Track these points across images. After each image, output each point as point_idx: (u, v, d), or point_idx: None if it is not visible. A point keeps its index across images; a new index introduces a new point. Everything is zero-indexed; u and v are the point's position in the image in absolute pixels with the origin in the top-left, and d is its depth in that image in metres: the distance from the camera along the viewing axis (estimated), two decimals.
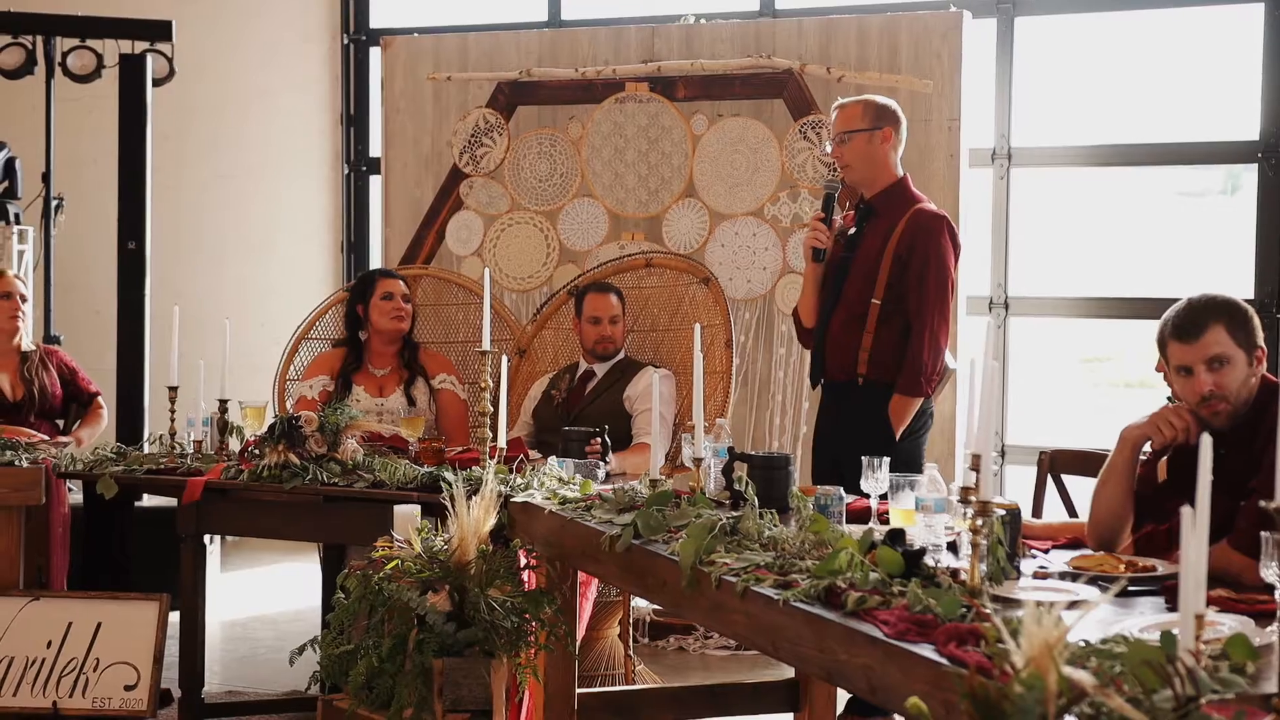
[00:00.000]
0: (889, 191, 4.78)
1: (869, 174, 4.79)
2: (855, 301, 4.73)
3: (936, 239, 4.68)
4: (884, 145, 4.76)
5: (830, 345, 4.81)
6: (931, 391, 4.70)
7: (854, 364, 4.73)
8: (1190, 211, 7.20)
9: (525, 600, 3.73)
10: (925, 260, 4.65)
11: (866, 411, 4.69)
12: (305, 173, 8.32)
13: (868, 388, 4.72)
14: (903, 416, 4.66)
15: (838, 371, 4.80)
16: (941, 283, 4.66)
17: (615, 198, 6.40)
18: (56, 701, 4.58)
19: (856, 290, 4.74)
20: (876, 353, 4.70)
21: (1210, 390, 3.20)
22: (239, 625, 6.42)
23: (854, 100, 4.88)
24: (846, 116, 4.80)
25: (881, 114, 4.78)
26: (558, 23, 7.64)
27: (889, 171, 4.79)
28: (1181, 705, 1.86)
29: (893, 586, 2.66)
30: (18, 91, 7.48)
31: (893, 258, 4.67)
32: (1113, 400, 7.41)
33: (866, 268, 4.72)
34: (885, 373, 4.69)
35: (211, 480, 4.58)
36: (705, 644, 5.96)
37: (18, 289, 5.69)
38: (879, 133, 4.75)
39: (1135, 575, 2.92)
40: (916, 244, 4.66)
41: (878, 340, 4.69)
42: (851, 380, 4.76)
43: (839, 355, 4.78)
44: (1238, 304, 3.27)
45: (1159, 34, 6.90)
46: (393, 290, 5.46)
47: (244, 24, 8.32)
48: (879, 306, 4.68)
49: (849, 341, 4.74)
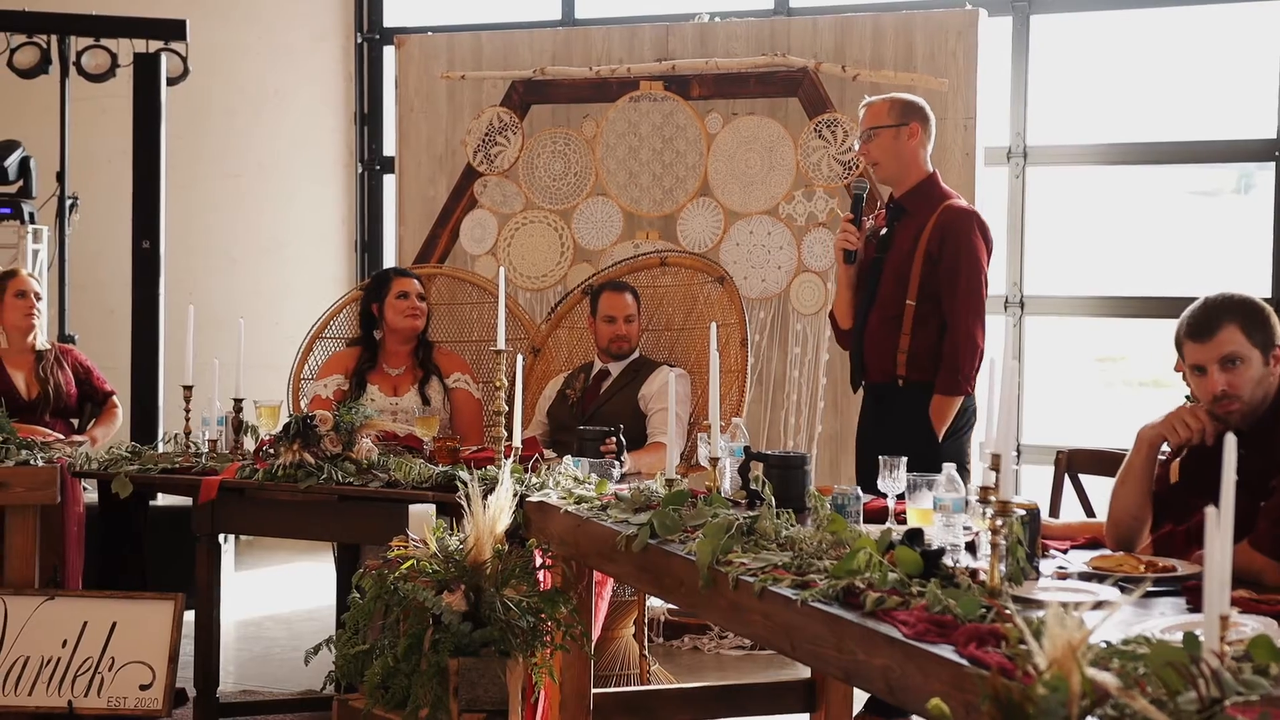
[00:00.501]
0: (918, 189, 4.74)
1: (896, 171, 4.75)
2: (890, 303, 4.69)
3: (967, 235, 4.63)
4: (910, 141, 4.72)
5: (869, 347, 4.77)
6: (972, 389, 4.65)
7: (893, 366, 4.69)
8: (1205, 210, 7.17)
9: (541, 600, 3.72)
10: (956, 257, 4.61)
11: (908, 413, 4.64)
12: (319, 172, 8.32)
13: (908, 389, 4.67)
14: (944, 416, 4.61)
15: (877, 374, 4.76)
16: (974, 279, 4.62)
17: (630, 196, 6.39)
18: (72, 701, 4.57)
19: (890, 291, 4.70)
20: (914, 354, 4.65)
21: (1223, 390, 3.18)
22: (254, 625, 6.42)
23: (881, 97, 4.85)
24: (873, 113, 4.77)
25: (908, 110, 4.75)
26: (572, 21, 7.63)
27: (917, 169, 4.75)
28: (1206, 707, 1.85)
29: (911, 587, 2.65)
30: (32, 91, 7.49)
31: (924, 256, 4.63)
32: (1127, 399, 7.39)
33: (899, 268, 4.68)
34: (924, 373, 4.64)
35: (226, 479, 4.58)
36: (720, 644, 5.95)
37: (32, 287, 5.70)
38: (905, 129, 4.72)
39: (1157, 576, 2.90)
40: (947, 241, 4.62)
41: (915, 341, 4.65)
42: (891, 382, 4.71)
43: (878, 357, 4.73)
44: (1254, 303, 3.25)
45: (1174, 32, 6.87)
46: (407, 289, 5.45)
47: (258, 23, 8.33)
48: (914, 307, 4.64)
49: (887, 343, 4.69)
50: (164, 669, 4.59)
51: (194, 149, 8.10)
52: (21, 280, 5.70)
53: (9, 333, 5.66)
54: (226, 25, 8.20)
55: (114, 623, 4.64)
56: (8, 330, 5.66)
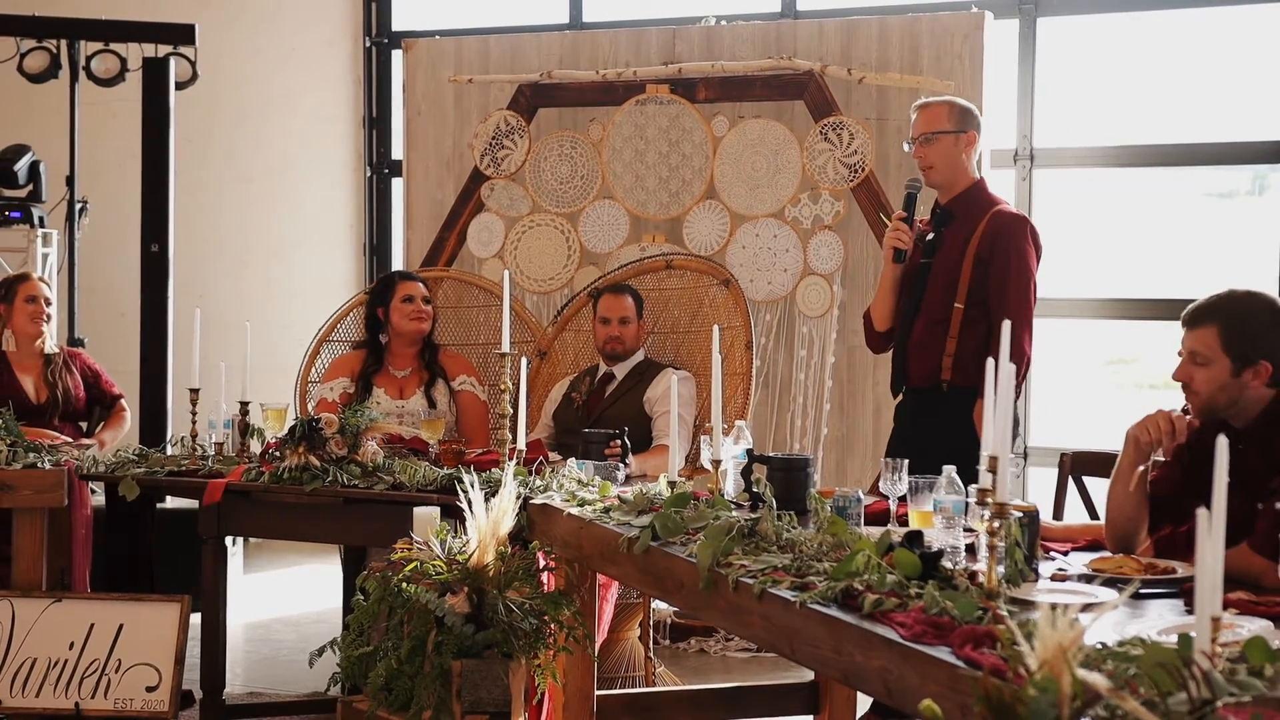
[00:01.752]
0: (966, 195, 4.71)
1: (950, 176, 4.71)
2: (937, 307, 4.66)
3: (1018, 240, 4.60)
4: (968, 149, 4.71)
5: (913, 352, 4.73)
6: (1019, 396, 4.63)
7: (938, 370, 4.66)
8: (1217, 212, 7.16)
9: (544, 602, 3.73)
10: (1007, 262, 4.58)
11: (951, 417, 4.59)
12: (327, 175, 8.35)
13: (952, 393, 4.64)
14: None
15: (921, 379, 4.72)
16: (1024, 284, 4.58)
17: (636, 200, 6.40)
18: (79, 702, 4.59)
19: (938, 296, 4.67)
20: (960, 358, 4.62)
21: (1183, 380, 3.26)
22: (260, 627, 6.44)
23: (938, 101, 4.81)
24: (931, 117, 4.73)
25: (966, 117, 4.72)
26: (579, 25, 7.65)
27: (967, 175, 4.73)
28: (1197, 708, 1.85)
29: (910, 589, 2.65)
30: (42, 95, 7.52)
31: (974, 260, 4.61)
32: (1138, 402, 7.38)
33: (947, 273, 4.65)
34: (969, 378, 4.56)
35: (233, 482, 4.59)
36: (726, 646, 5.95)
37: (43, 293, 5.72)
38: (964, 136, 4.69)
39: (1152, 578, 2.90)
40: (997, 246, 4.59)
41: (961, 345, 4.62)
42: (935, 386, 4.68)
43: (923, 362, 4.70)
44: (1251, 311, 3.23)
45: (1183, 34, 6.86)
46: (413, 293, 5.46)
47: (266, 27, 8.36)
48: (962, 311, 4.61)
49: (933, 347, 4.66)
50: (170, 671, 4.61)
51: (203, 153, 8.13)
52: (33, 285, 5.72)
53: (18, 337, 5.69)
54: (235, 30, 8.23)
55: (121, 625, 4.66)
56: (16, 334, 5.69)
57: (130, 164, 7.16)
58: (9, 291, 5.70)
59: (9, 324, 5.69)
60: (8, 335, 5.69)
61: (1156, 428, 3.29)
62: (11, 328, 5.69)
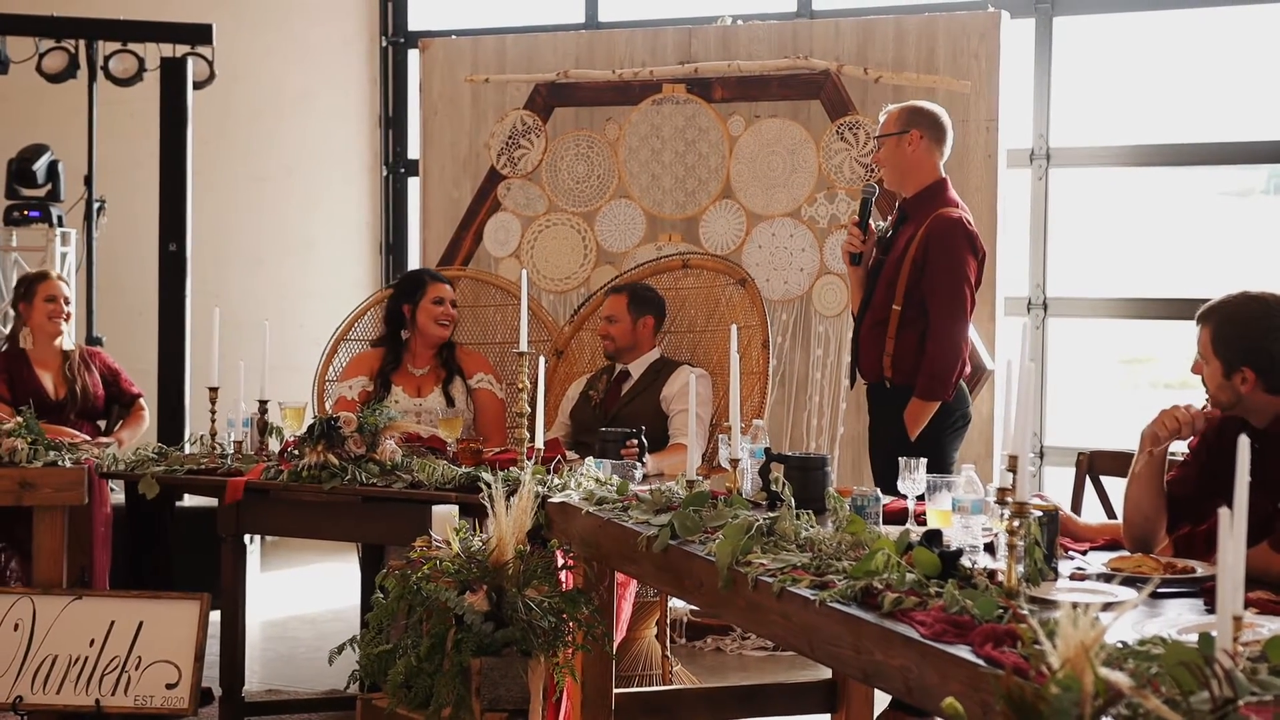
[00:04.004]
0: (921, 195, 4.82)
1: (897, 177, 4.86)
2: (880, 306, 4.80)
3: (950, 244, 4.69)
4: (910, 148, 4.79)
5: (861, 348, 4.89)
6: (950, 396, 4.71)
7: (880, 368, 4.79)
8: (1233, 211, 7.15)
9: (562, 600, 3.74)
10: (938, 265, 4.68)
11: (893, 413, 4.75)
12: (344, 175, 8.37)
13: (895, 391, 4.78)
14: (917, 420, 4.70)
15: (868, 374, 4.88)
16: (955, 287, 4.67)
17: (652, 199, 6.41)
18: (99, 700, 4.61)
19: (882, 295, 4.80)
20: (899, 358, 4.75)
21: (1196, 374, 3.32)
22: (279, 624, 6.46)
23: (896, 106, 4.95)
24: (883, 122, 4.90)
25: (911, 117, 4.82)
26: (595, 24, 7.66)
27: (922, 175, 4.82)
28: (1219, 707, 1.85)
29: (929, 587, 2.66)
30: (61, 95, 7.55)
31: (911, 263, 4.71)
32: (1154, 401, 7.36)
33: (891, 272, 4.77)
34: (908, 377, 4.74)
35: (251, 480, 4.61)
36: (743, 644, 5.96)
37: (62, 292, 5.75)
38: (905, 136, 4.80)
39: (1171, 577, 2.91)
40: (931, 249, 4.69)
41: (899, 345, 4.74)
42: (880, 383, 4.83)
43: (867, 358, 4.85)
44: (1243, 314, 3.24)
45: (1200, 33, 6.85)
46: (443, 295, 5.47)
47: (283, 27, 8.38)
48: (899, 312, 4.73)
49: (875, 345, 4.80)
50: (190, 668, 4.63)
51: (220, 152, 8.16)
52: (52, 285, 5.75)
53: (36, 335, 5.72)
54: (252, 29, 8.25)
55: (141, 622, 4.67)
56: (35, 332, 5.72)
57: (148, 163, 7.18)
58: (28, 290, 5.74)
59: (28, 322, 5.72)
60: (25, 333, 5.73)
61: (1174, 419, 3.31)
62: (30, 326, 5.72)
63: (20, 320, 5.76)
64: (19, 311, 5.78)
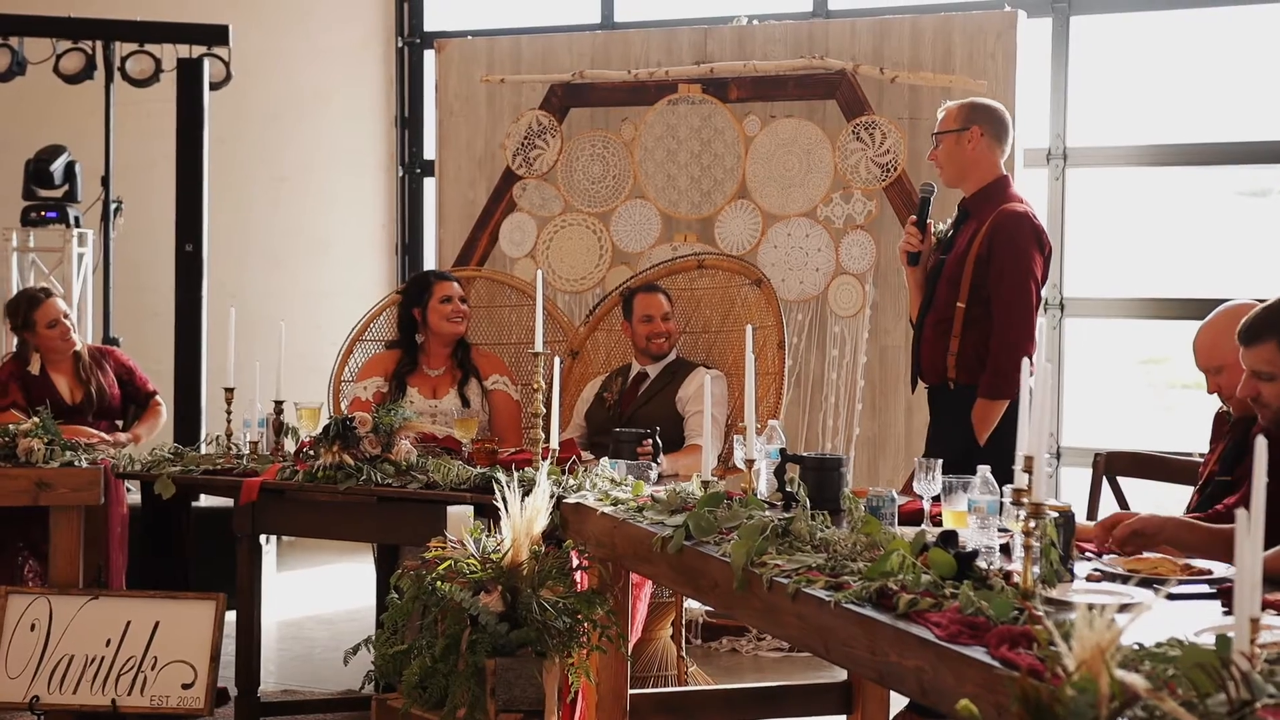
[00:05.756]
0: (982, 193, 4.74)
1: (956, 174, 4.79)
2: (943, 305, 4.70)
3: (1017, 238, 4.60)
4: (970, 146, 4.73)
5: (924, 349, 4.78)
6: (1016, 395, 4.61)
7: (944, 368, 4.70)
8: (1251, 211, 7.12)
9: (577, 601, 3.74)
10: (1004, 260, 4.59)
11: (956, 416, 4.64)
12: (360, 175, 8.38)
13: (959, 392, 4.67)
14: (987, 420, 4.58)
15: (931, 375, 4.78)
16: (1021, 282, 4.57)
17: (668, 199, 6.41)
18: (115, 699, 4.63)
19: (945, 294, 4.70)
20: (964, 357, 4.65)
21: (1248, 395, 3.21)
22: (295, 625, 6.47)
23: (954, 103, 4.88)
24: (942, 119, 4.82)
25: (971, 114, 4.76)
26: (610, 24, 7.66)
27: (982, 172, 4.75)
28: (1236, 709, 1.84)
29: (945, 589, 2.65)
30: (78, 96, 7.58)
31: (975, 259, 4.63)
32: (1172, 401, 7.34)
33: (954, 271, 4.68)
34: (974, 377, 4.62)
35: (267, 481, 4.62)
36: (758, 645, 5.95)
37: (60, 311, 5.64)
38: (966, 133, 4.73)
39: (1189, 578, 2.89)
40: (996, 244, 4.60)
41: (964, 344, 4.65)
42: (943, 384, 4.73)
43: (931, 359, 4.75)
44: None
45: (1217, 32, 6.83)
46: (450, 293, 5.47)
47: (299, 28, 8.39)
48: (964, 310, 4.64)
49: (939, 345, 4.70)
50: (206, 668, 4.64)
51: (236, 153, 8.17)
52: (49, 309, 5.62)
53: (46, 356, 5.62)
54: (269, 30, 8.27)
55: (157, 622, 4.69)
56: (45, 354, 5.62)
57: (165, 164, 7.20)
58: (26, 321, 5.61)
59: (35, 349, 5.63)
60: (35, 359, 5.63)
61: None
62: (39, 351, 5.65)
63: (27, 347, 5.64)
64: (23, 339, 5.64)
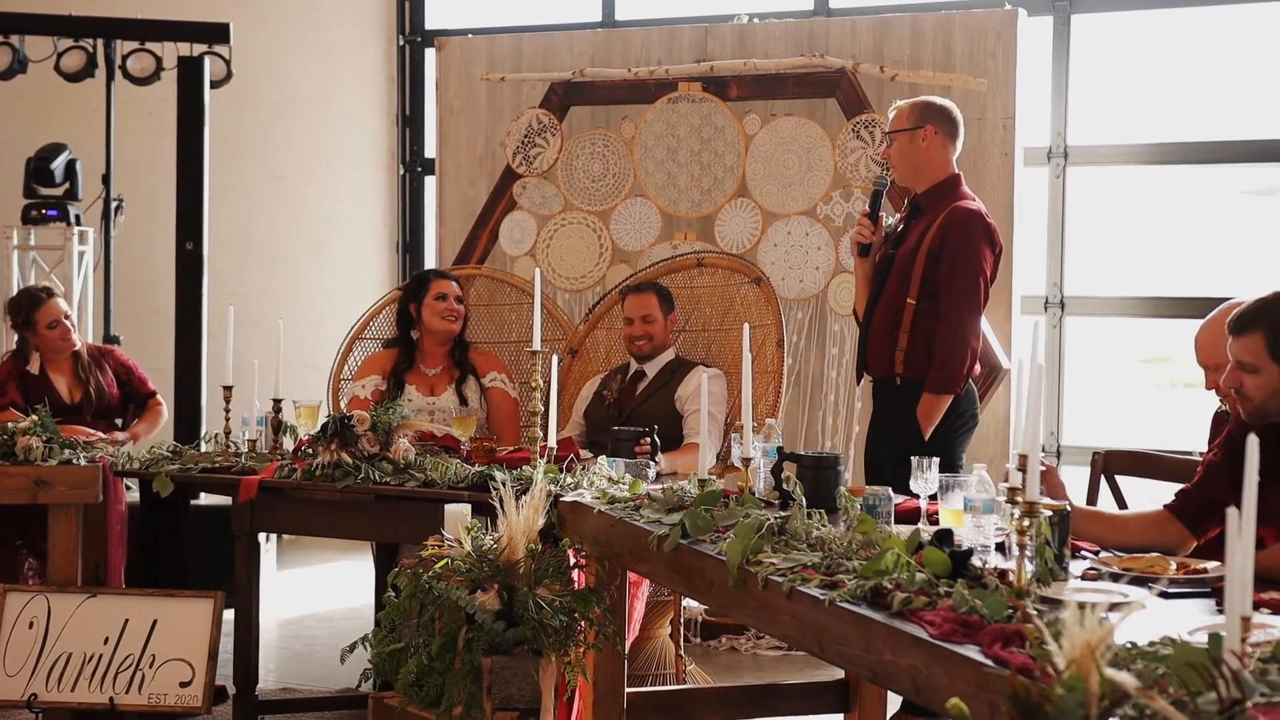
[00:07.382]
0: (935, 189, 4.80)
1: (909, 172, 4.84)
2: (893, 299, 4.76)
3: (967, 235, 4.65)
4: (924, 144, 4.78)
5: (871, 342, 4.84)
6: (961, 390, 4.67)
7: (891, 362, 4.75)
8: (1255, 209, 7.11)
9: (574, 599, 3.73)
10: (954, 256, 4.64)
11: (902, 410, 4.71)
12: (361, 173, 8.38)
13: (905, 386, 4.73)
14: (930, 415, 4.65)
15: (877, 369, 4.84)
16: (970, 280, 4.63)
17: (668, 198, 6.40)
18: (113, 697, 4.62)
19: (894, 288, 4.76)
20: (912, 352, 4.71)
21: (1233, 386, 3.21)
22: (293, 623, 6.47)
23: (906, 101, 4.94)
24: (894, 117, 4.87)
25: (924, 113, 4.80)
26: (611, 23, 7.65)
27: (935, 169, 4.80)
28: (1226, 708, 1.84)
29: (939, 587, 2.64)
30: (78, 94, 7.58)
31: (926, 255, 4.68)
32: (1173, 400, 7.34)
33: (904, 266, 4.74)
34: (921, 371, 4.69)
35: (266, 479, 4.62)
36: (757, 644, 5.94)
37: (61, 311, 5.66)
38: (919, 132, 4.78)
39: (1182, 576, 2.89)
40: (948, 240, 4.66)
41: (913, 339, 4.70)
42: (890, 378, 4.79)
43: (878, 353, 4.80)
44: None
45: (1220, 29, 6.81)
46: (446, 291, 5.48)
47: (300, 26, 8.39)
48: (913, 305, 4.69)
49: (887, 340, 4.76)
50: (204, 666, 4.64)
51: (237, 151, 8.18)
52: (50, 309, 5.64)
53: (47, 356, 5.64)
54: (269, 29, 8.27)
55: (155, 620, 4.68)
56: (45, 354, 5.64)
57: (165, 162, 7.21)
58: (28, 320, 5.64)
59: (35, 348, 5.65)
60: (35, 358, 5.65)
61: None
62: (39, 351, 5.66)
63: (27, 345, 5.66)
64: (23, 338, 5.67)
